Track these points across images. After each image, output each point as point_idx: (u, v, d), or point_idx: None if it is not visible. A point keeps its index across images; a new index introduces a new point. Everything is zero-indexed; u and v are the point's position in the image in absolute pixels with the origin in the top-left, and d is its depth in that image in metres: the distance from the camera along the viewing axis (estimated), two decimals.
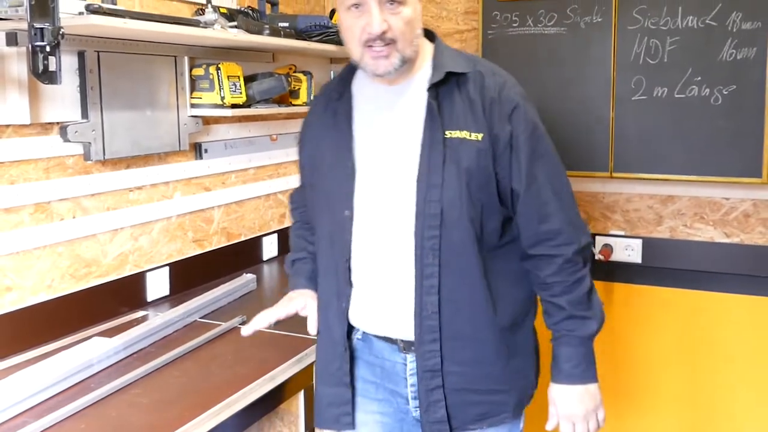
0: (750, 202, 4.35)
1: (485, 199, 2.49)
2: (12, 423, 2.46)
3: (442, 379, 2.54)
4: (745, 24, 4.05)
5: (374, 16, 2.37)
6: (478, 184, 2.47)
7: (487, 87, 2.51)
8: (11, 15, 2.74)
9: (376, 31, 2.38)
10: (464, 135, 2.47)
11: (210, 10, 3.60)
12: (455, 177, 2.45)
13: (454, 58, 2.59)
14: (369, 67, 2.50)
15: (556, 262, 2.54)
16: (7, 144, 2.97)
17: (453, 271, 2.49)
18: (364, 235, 2.61)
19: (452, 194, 2.45)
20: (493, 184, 2.49)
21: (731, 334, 4.44)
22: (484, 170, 2.47)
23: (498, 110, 2.48)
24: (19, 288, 3.07)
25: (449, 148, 2.45)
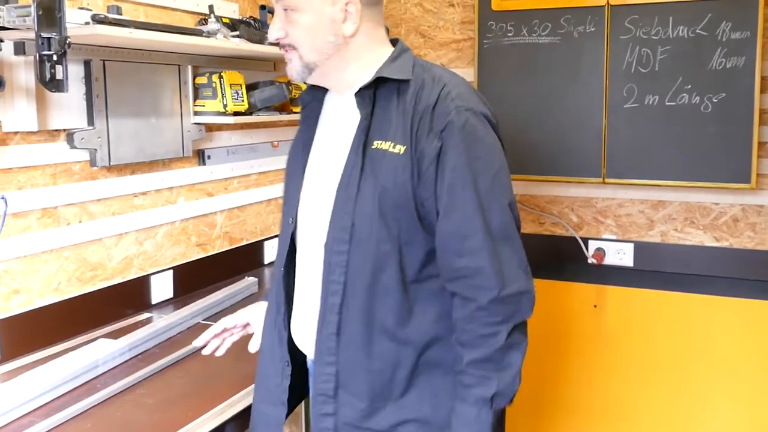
0: (739, 207, 4.35)
1: (404, 220, 2.23)
2: (20, 422, 2.47)
3: (334, 407, 2.32)
4: (734, 34, 4.05)
5: (273, 23, 2.33)
6: (394, 202, 2.22)
7: (424, 96, 2.25)
8: (19, 25, 2.74)
9: (271, 38, 2.36)
10: (387, 146, 2.24)
11: (213, 20, 3.61)
12: (371, 190, 2.24)
13: (403, 65, 2.34)
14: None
15: (469, 307, 2.19)
16: (15, 150, 2.97)
17: (359, 292, 2.26)
18: (299, 245, 2.49)
19: (365, 209, 2.24)
20: (413, 205, 2.21)
21: (721, 336, 4.44)
22: (401, 187, 2.20)
23: (429, 123, 2.20)
24: (26, 291, 3.08)
25: (371, 159, 2.26)
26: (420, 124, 2.21)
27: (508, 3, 4.54)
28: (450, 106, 2.21)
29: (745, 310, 4.36)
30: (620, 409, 4.74)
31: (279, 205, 4.58)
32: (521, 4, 4.52)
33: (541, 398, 4.89)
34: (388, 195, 2.21)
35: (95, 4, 3.32)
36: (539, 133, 4.54)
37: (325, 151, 2.44)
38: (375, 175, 2.23)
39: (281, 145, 4.70)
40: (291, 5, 2.26)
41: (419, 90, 2.27)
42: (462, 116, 2.20)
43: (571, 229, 4.72)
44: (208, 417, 2.54)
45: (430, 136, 2.19)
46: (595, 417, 4.80)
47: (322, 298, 2.29)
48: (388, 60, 2.36)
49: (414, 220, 2.23)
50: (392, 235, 2.23)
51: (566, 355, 4.80)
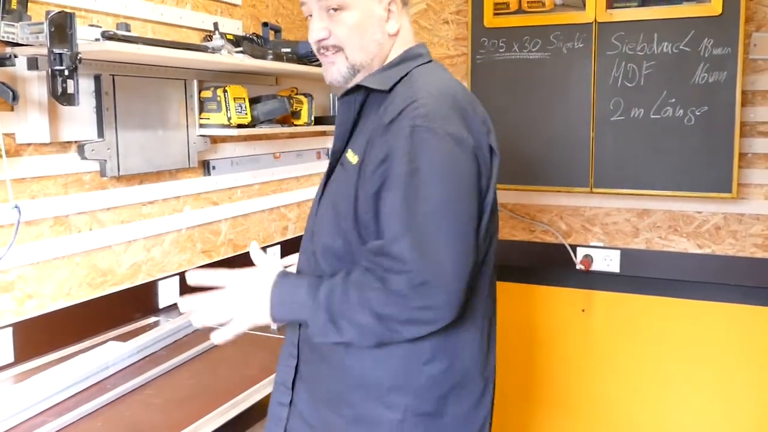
0: (721, 216, 4.36)
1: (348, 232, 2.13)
2: (33, 421, 2.47)
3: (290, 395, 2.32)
4: (716, 50, 4.06)
5: (314, 24, 2.23)
6: (342, 213, 2.14)
7: (390, 110, 2.11)
8: (32, 41, 2.75)
9: (314, 38, 2.24)
10: (350, 156, 2.19)
11: (217, 36, 3.61)
12: (330, 199, 2.23)
13: (388, 76, 2.24)
14: (324, 74, 2.33)
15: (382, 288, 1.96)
16: (29, 161, 2.98)
17: None
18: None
19: (323, 217, 2.25)
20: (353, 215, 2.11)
21: (703, 339, 4.45)
22: (348, 198, 2.12)
23: (389, 133, 2.06)
24: (39, 295, 3.08)
25: (341, 166, 2.24)
26: (374, 137, 2.12)
27: (500, 20, 4.55)
28: (407, 121, 2.04)
29: (727, 314, 4.38)
30: (606, 408, 4.75)
31: (281, 213, 4.61)
32: (512, 21, 4.53)
33: (530, 398, 4.89)
34: (338, 204, 2.17)
35: (105, 21, 3.32)
36: (530, 145, 4.54)
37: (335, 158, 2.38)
38: (337, 182, 2.23)
39: (283, 156, 4.71)
40: (339, 4, 2.18)
41: (389, 104, 2.15)
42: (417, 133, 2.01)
43: (560, 237, 4.72)
44: (213, 416, 2.54)
45: (380, 146, 2.07)
46: (582, 416, 4.80)
47: None
48: (381, 68, 2.29)
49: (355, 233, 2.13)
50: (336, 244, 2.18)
51: (555, 356, 4.81)
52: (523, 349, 4.87)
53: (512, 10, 4.54)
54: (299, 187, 4.91)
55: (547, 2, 4.47)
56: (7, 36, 2.76)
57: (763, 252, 4.29)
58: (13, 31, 2.77)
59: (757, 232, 4.29)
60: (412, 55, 2.31)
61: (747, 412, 4.40)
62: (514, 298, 4.77)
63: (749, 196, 4.28)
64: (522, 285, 4.79)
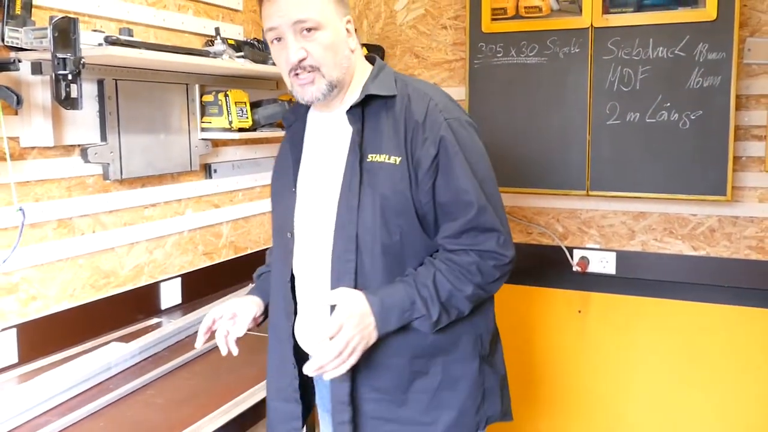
0: (715, 218, 4.36)
1: (405, 227, 2.30)
2: (37, 421, 2.48)
3: (352, 408, 2.33)
4: (711, 54, 4.06)
5: (290, 46, 2.27)
6: (395, 210, 2.28)
7: (413, 110, 2.32)
8: (36, 46, 2.76)
9: (293, 60, 2.27)
10: (383, 159, 2.30)
11: (219, 41, 3.62)
12: (370, 200, 2.28)
13: (386, 81, 2.39)
14: (298, 95, 2.37)
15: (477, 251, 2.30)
16: (33, 165, 2.98)
17: None
18: (301, 256, 2.48)
19: (367, 217, 2.29)
20: (413, 211, 2.30)
21: (698, 340, 4.45)
22: (400, 195, 2.28)
23: (422, 133, 2.28)
24: (43, 297, 3.08)
25: (367, 171, 2.30)
26: (414, 135, 2.29)
27: (498, 25, 4.55)
28: (439, 118, 2.30)
29: (721, 315, 4.38)
30: (603, 407, 4.75)
31: None
32: (509, 26, 4.53)
33: (527, 398, 4.89)
34: (388, 204, 2.27)
35: (108, 26, 3.33)
36: (527, 148, 4.54)
37: (318, 167, 2.47)
38: (373, 186, 2.27)
39: None
40: (314, 24, 2.26)
41: (407, 104, 2.34)
42: (452, 126, 2.31)
43: (557, 239, 4.72)
44: (214, 416, 2.55)
45: (425, 145, 2.27)
46: (578, 415, 4.81)
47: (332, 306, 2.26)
48: (370, 78, 2.41)
49: (415, 223, 2.31)
50: (394, 240, 2.29)
51: (552, 356, 4.81)
52: (521, 349, 4.87)
53: (509, 15, 4.54)
54: None
55: (544, 8, 4.47)
56: (11, 41, 2.77)
57: (757, 254, 4.29)
58: (18, 36, 2.78)
59: (751, 235, 4.29)
60: (382, 65, 2.48)
61: (742, 411, 4.40)
62: (511, 300, 4.77)
63: (743, 198, 4.28)
64: (519, 286, 4.78)
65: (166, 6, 3.69)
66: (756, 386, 4.35)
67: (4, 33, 2.76)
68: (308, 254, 2.45)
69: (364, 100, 2.34)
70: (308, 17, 2.25)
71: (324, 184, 2.40)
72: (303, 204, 2.48)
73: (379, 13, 5.06)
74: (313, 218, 2.44)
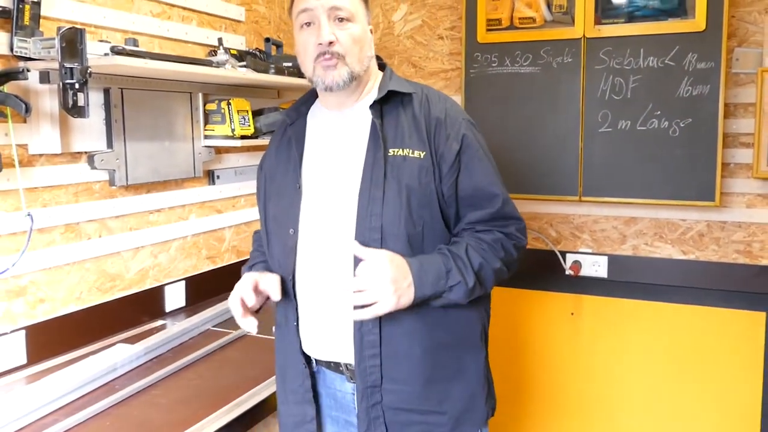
0: (704, 223, 4.36)
1: (427, 218, 2.34)
2: (44, 421, 2.48)
3: (381, 396, 2.35)
4: (700, 64, 4.07)
5: (323, 27, 2.32)
6: (419, 201, 2.32)
7: (433, 109, 2.42)
8: (44, 56, 2.77)
9: (325, 40, 2.31)
10: (406, 153, 2.35)
11: (222, 51, 3.63)
12: (396, 192, 2.30)
13: (401, 82, 2.49)
14: (318, 79, 2.39)
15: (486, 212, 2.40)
16: (41, 171, 2.99)
17: None
18: (307, 254, 2.44)
19: (392, 209, 2.30)
20: (436, 203, 2.35)
21: (688, 341, 4.46)
22: (425, 187, 2.32)
23: (445, 130, 2.38)
24: (51, 300, 3.08)
25: (391, 165, 2.33)
26: (436, 132, 2.39)
27: (493, 36, 4.56)
28: (459, 117, 2.45)
29: (710, 317, 4.38)
30: (595, 407, 4.75)
31: None
32: (504, 37, 4.53)
33: (520, 398, 4.89)
34: (414, 195, 2.31)
35: (114, 36, 3.34)
36: (521, 155, 4.54)
37: (329, 164, 2.46)
38: (398, 178, 2.31)
39: None
40: (347, 15, 2.35)
41: (425, 102, 2.44)
42: (468, 126, 2.45)
43: (550, 243, 4.72)
44: (216, 416, 2.55)
45: (448, 141, 2.38)
46: (571, 415, 4.81)
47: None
48: (386, 78, 2.49)
49: (437, 214, 2.37)
50: (417, 231, 2.33)
51: (545, 357, 4.81)
52: (515, 350, 4.87)
53: (504, 26, 4.55)
54: None
55: (538, 18, 4.48)
56: (20, 51, 2.78)
57: (745, 258, 4.29)
58: (26, 46, 2.79)
59: (738, 239, 4.30)
60: (391, 69, 2.57)
61: (730, 409, 4.41)
62: (506, 303, 4.77)
63: (731, 204, 4.28)
64: (514, 290, 4.78)
65: (170, 17, 3.70)
66: (743, 385, 4.36)
67: (13, 43, 2.78)
68: (318, 250, 2.42)
69: (382, 97, 2.40)
70: (344, 6, 2.34)
71: (338, 180, 2.41)
72: (310, 200, 2.45)
73: (378, 23, 5.06)
74: (324, 214, 2.41)
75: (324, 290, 2.41)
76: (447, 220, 2.40)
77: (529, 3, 4.49)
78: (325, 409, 2.57)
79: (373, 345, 2.32)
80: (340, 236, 2.35)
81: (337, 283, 2.36)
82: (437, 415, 2.39)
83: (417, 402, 2.36)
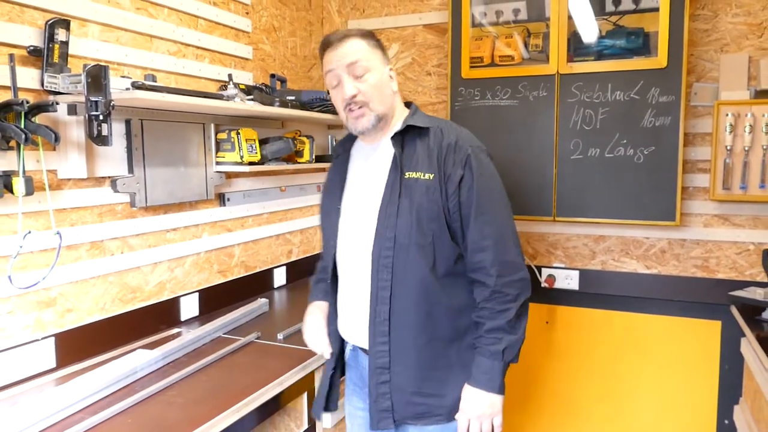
0: (666, 241, 4.38)
1: (436, 230, 2.51)
2: (72, 419, 2.48)
3: (389, 376, 2.56)
4: (662, 97, 4.08)
5: (347, 84, 2.55)
6: (428, 216, 2.49)
7: (445, 138, 2.56)
8: (71, 90, 2.79)
9: (348, 94, 2.55)
10: (418, 175, 2.52)
11: (231, 86, 3.64)
12: (407, 208, 2.50)
13: (422, 118, 2.65)
14: (351, 126, 2.63)
15: (487, 290, 2.51)
16: (69, 194, 3.00)
17: (403, 286, 2.52)
18: (342, 260, 2.74)
19: (404, 222, 2.50)
20: (443, 217, 2.50)
21: (651, 347, 4.47)
22: (434, 204, 2.49)
23: (453, 157, 2.52)
24: (78, 310, 3.09)
25: (405, 186, 2.53)
26: (446, 157, 2.53)
27: (475, 72, 4.57)
28: (466, 145, 2.55)
29: (670, 326, 4.41)
30: (567, 407, 4.75)
31: (286, 239, 4.63)
32: (486, 73, 4.55)
33: None
34: (423, 211, 2.50)
35: (134, 73, 3.35)
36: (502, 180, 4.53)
37: (361, 187, 2.71)
38: (410, 197, 2.52)
39: (288, 190, 4.72)
40: (365, 68, 2.56)
41: (439, 134, 2.58)
42: (474, 153, 2.55)
43: (527, 259, 4.73)
44: (228, 413, 2.56)
45: (455, 166, 2.51)
46: (545, 414, 4.81)
47: (372, 293, 2.57)
48: (409, 114, 2.70)
49: (444, 227, 2.52)
50: (427, 241, 2.51)
51: (522, 362, 4.80)
52: None
53: (486, 63, 4.56)
54: (302, 216, 4.92)
55: (516, 56, 4.50)
56: (50, 86, 2.80)
57: (702, 272, 4.31)
58: (56, 82, 2.80)
59: (697, 255, 4.31)
60: (416, 108, 2.76)
61: (687, 408, 4.42)
62: None
63: (690, 224, 4.30)
64: None
65: (185, 55, 3.71)
66: (701, 386, 4.37)
67: (44, 79, 2.80)
68: (348, 257, 2.70)
69: (404, 129, 2.60)
70: (359, 59, 2.55)
71: (365, 200, 2.66)
72: (346, 217, 2.73)
73: None
74: (355, 227, 2.67)
75: (350, 289, 2.71)
76: (453, 233, 2.54)
77: (508, 42, 4.52)
78: (352, 378, 2.89)
79: (383, 334, 2.55)
80: (364, 246, 2.61)
81: (359, 283, 2.63)
82: (437, 398, 2.57)
83: (420, 385, 2.56)
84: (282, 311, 4.05)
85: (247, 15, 4.28)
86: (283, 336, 3.46)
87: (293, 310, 4.07)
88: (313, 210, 5.05)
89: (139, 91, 2.93)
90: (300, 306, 4.06)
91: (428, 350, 2.56)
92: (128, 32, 3.34)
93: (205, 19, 3.87)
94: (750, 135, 3.97)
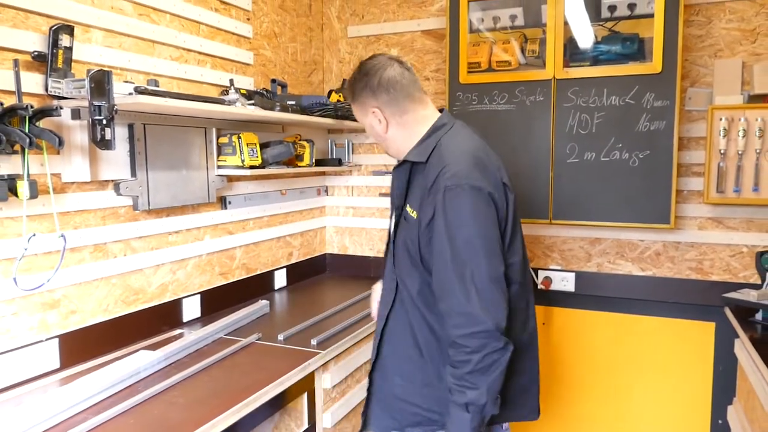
0: (660, 243, 4.38)
1: (417, 263, 2.54)
2: (75, 419, 2.49)
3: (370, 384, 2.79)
4: (657, 102, 4.08)
5: None
6: (413, 250, 2.54)
7: (429, 176, 2.50)
8: (75, 95, 2.80)
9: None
10: (411, 210, 2.57)
11: (233, 91, 3.64)
12: (402, 240, 2.61)
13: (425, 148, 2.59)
14: None
15: (450, 337, 2.38)
16: (72, 197, 3.01)
17: (398, 307, 2.65)
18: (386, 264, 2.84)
19: (400, 251, 2.62)
20: (419, 254, 2.53)
21: (646, 348, 4.47)
22: (413, 241, 2.53)
23: (430, 195, 2.45)
24: (81, 311, 3.09)
25: (404, 218, 2.63)
26: (424, 197, 2.50)
27: (473, 77, 4.58)
28: (441, 183, 2.40)
29: (665, 326, 4.41)
30: (562, 407, 4.75)
31: (287, 241, 4.64)
32: (483, 78, 4.55)
33: None
34: (409, 245, 2.57)
35: (137, 78, 3.36)
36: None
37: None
38: (404, 229, 2.62)
39: (288, 193, 4.73)
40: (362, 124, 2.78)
41: (435, 164, 2.50)
42: (450, 192, 2.38)
43: None
44: (229, 414, 2.56)
45: (428, 206, 2.45)
46: (542, 413, 4.81)
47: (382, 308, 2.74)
48: (417, 143, 2.65)
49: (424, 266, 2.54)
50: (418, 270, 2.56)
51: None
52: None
53: (483, 68, 4.57)
54: (302, 219, 4.93)
55: (513, 62, 4.50)
56: (54, 90, 2.80)
57: (696, 274, 4.31)
58: (60, 87, 2.81)
59: (691, 257, 4.32)
60: (437, 127, 2.67)
61: (683, 408, 4.42)
62: None
63: (684, 226, 4.31)
64: None
65: (187, 61, 3.72)
66: (693, 387, 4.38)
67: (48, 84, 2.80)
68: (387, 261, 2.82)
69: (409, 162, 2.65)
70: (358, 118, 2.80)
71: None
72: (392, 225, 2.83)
73: None
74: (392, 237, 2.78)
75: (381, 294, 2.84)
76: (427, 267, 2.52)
77: (506, 48, 4.52)
78: None
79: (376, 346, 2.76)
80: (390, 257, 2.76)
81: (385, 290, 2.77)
82: (410, 383, 2.66)
83: (418, 399, 2.64)
84: (282, 313, 4.06)
85: (248, 21, 4.29)
86: (283, 337, 3.47)
87: (294, 311, 4.08)
88: (313, 213, 5.06)
89: (142, 96, 2.94)
90: (300, 307, 4.10)
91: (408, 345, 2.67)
92: (131, 38, 3.35)
93: (206, 25, 3.88)
94: (743, 139, 3.98)
